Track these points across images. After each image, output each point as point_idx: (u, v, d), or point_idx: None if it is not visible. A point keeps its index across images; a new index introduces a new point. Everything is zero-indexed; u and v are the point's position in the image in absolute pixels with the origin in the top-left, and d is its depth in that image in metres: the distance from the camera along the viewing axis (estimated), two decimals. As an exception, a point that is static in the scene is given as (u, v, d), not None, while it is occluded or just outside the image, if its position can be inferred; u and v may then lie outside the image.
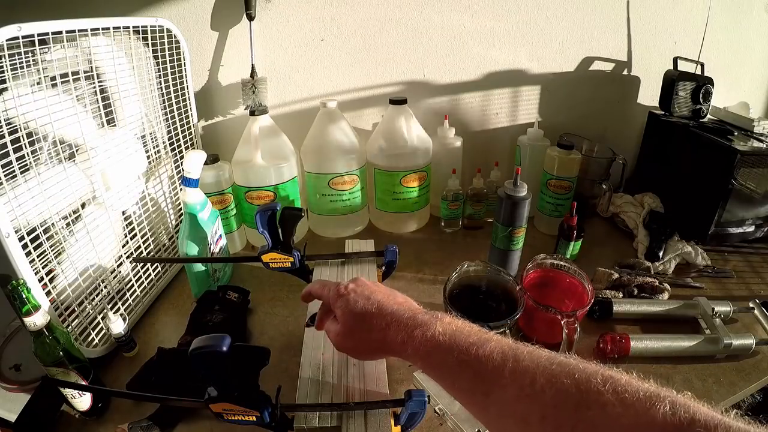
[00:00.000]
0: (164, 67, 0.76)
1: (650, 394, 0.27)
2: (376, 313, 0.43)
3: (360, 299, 0.45)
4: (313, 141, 0.87)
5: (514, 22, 0.92)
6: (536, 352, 0.34)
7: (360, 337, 0.44)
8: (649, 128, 1.03)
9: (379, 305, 0.44)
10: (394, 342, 0.41)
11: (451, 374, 0.37)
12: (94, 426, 0.55)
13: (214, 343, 0.39)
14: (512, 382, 0.32)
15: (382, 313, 0.43)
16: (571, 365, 0.31)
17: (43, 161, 0.57)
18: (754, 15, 1.02)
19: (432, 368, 0.39)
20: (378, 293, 0.46)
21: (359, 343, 0.45)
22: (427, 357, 0.38)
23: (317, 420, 0.45)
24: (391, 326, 0.41)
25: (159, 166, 0.78)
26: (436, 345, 0.38)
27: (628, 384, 0.28)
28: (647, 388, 0.28)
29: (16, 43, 0.50)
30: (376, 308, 0.44)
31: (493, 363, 0.34)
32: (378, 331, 0.42)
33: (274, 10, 0.86)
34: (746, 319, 0.70)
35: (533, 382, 0.31)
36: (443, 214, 0.96)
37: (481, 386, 0.34)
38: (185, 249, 0.70)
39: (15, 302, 0.47)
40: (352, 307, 0.45)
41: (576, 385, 0.29)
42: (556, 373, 0.31)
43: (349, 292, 0.47)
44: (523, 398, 0.31)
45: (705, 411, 0.25)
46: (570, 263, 0.67)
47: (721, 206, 0.83)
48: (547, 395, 0.30)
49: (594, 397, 0.28)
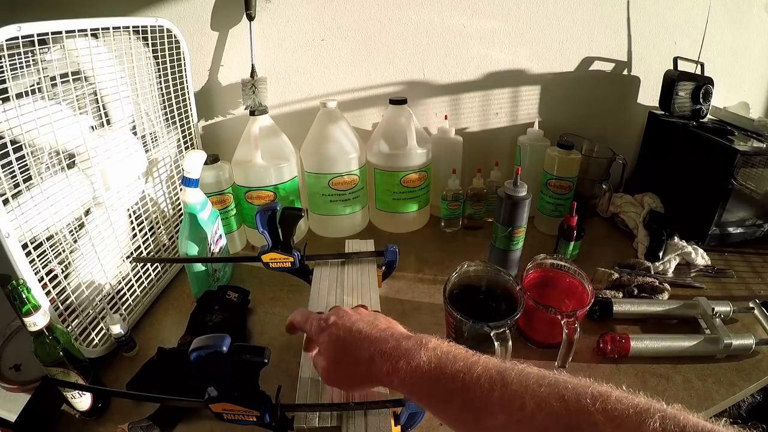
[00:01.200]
0: (164, 67, 0.76)
1: (640, 409, 0.27)
2: (358, 345, 0.42)
3: (341, 331, 0.44)
4: (313, 141, 0.87)
5: (514, 22, 0.92)
6: (525, 373, 0.33)
7: (346, 371, 0.43)
8: (649, 128, 1.03)
9: (362, 336, 0.43)
10: (379, 374, 0.40)
11: (438, 403, 0.36)
12: (94, 426, 0.55)
13: (214, 343, 0.39)
14: (501, 409, 0.32)
15: (365, 344, 0.42)
16: (560, 385, 0.31)
17: (44, 171, 0.57)
18: (754, 15, 1.02)
19: (419, 398, 0.38)
20: (359, 322, 0.44)
21: (346, 377, 0.44)
22: (414, 387, 0.37)
23: (317, 420, 0.45)
24: (375, 358, 0.40)
25: (159, 166, 0.78)
26: (421, 375, 0.37)
27: (618, 401, 0.28)
28: (637, 403, 0.28)
29: (16, 43, 0.50)
30: (358, 339, 0.42)
31: (481, 389, 0.33)
32: (363, 363, 0.41)
33: (274, 10, 0.86)
34: (746, 319, 0.70)
35: (522, 407, 0.31)
36: (443, 214, 0.96)
37: (470, 414, 0.34)
38: (185, 249, 0.70)
39: (15, 302, 0.47)
40: (334, 341, 0.44)
41: (566, 407, 0.29)
42: (545, 396, 0.30)
43: (330, 325, 0.45)
44: (513, 424, 0.31)
45: (695, 422, 0.26)
46: (570, 263, 0.67)
47: (721, 206, 0.83)
48: (537, 420, 0.30)
49: (584, 417, 0.28)
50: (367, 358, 0.41)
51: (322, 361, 0.46)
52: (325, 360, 0.45)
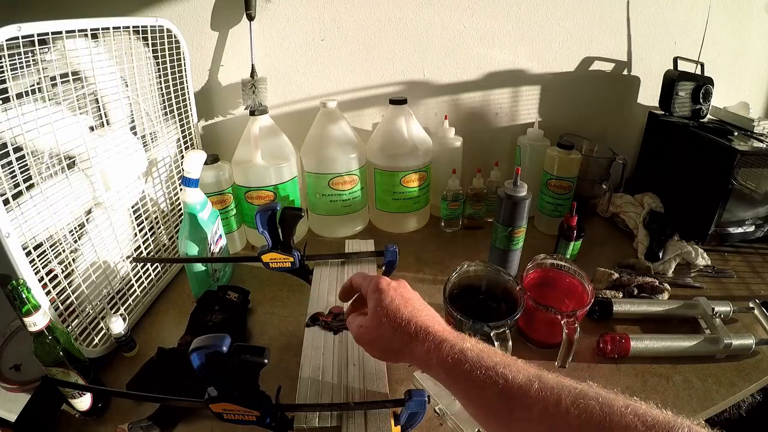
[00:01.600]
0: (164, 67, 0.76)
1: (669, 419, 0.28)
2: (407, 318, 0.43)
3: (397, 298, 0.45)
4: (313, 141, 0.87)
5: (514, 22, 0.92)
6: (561, 377, 0.35)
7: (384, 335, 0.44)
8: (649, 128, 1.03)
9: (413, 311, 0.44)
10: (418, 350, 0.41)
11: (475, 388, 0.37)
12: (94, 426, 0.55)
13: (214, 343, 0.39)
14: (537, 402, 0.33)
15: (413, 319, 0.43)
16: (593, 390, 0.32)
17: (44, 171, 0.57)
18: (754, 15, 1.02)
19: (456, 381, 0.39)
20: (415, 300, 0.46)
21: (381, 341, 0.44)
22: (453, 369, 0.38)
23: (317, 420, 0.45)
24: (419, 334, 0.41)
25: (159, 166, 0.78)
26: (463, 359, 0.38)
27: (648, 410, 0.30)
28: (666, 414, 0.29)
29: (16, 43, 0.50)
30: (409, 313, 0.43)
31: (518, 382, 0.35)
32: (405, 334, 0.42)
33: (274, 10, 0.86)
34: (746, 319, 0.70)
35: (558, 403, 0.32)
36: (443, 214, 0.96)
37: (505, 403, 0.35)
38: (185, 249, 0.70)
39: (15, 302, 0.47)
40: (387, 304, 0.44)
41: (600, 407, 0.30)
42: (580, 395, 0.32)
43: (390, 288, 0.46)
44: (548, 418, 0.32)
45: None
46: (570, 263, 0.67)
47: (721, 206, 0.83)
48: (572, 415, 0.31)
49: (617, 419, 0.29)
50: (411, 332, 0.42)
51: (364, 318, 0.46)
52: (369, 317, 0.45)
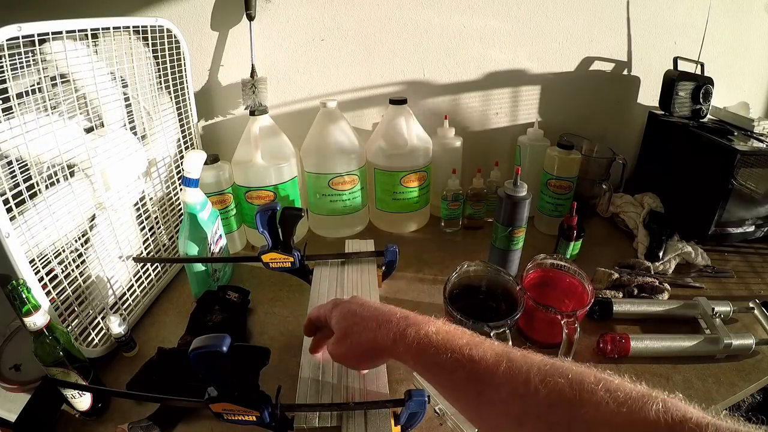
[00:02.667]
0: (164, 67, 0.76)
1: (642, 393, 0.28)
2: (368, 316, 0.44)
3: (354, 306, 0.46)
4: (313, 141, 0.87)
5: (514, 22, 0.92)
6: (529, 354, 0.34)
7: (352, 341, 0.44)
8: (649, 128, 1.03)
9: (373, 309, 0.45)
10: (385, 340, 0.41)
11: (443, 373, 0.37)
12: (94, 426, 0.55)
13: (214, 343, 0.39)
14: (506, 382, 0.32)
15: (375, 314, 0.44)
16: (564, 366, 0.31)
17: (46, 179, 0.57)
18: (754, 15, 1.02)
19: (424, 367, 0.39)
20: (373, 302, 0.47)
21: (351, 347, 0.45)
22: (419, 355, 0.38)
23: (317, 420, 0.45)
24: (382, 325, 0.42)
25: (159, 166, 0.78)
26: (428, 343, 0.38)
27: (621, 384, 0.29)
28: (639, 388, 0.28)
29: (16, 43, 0.50)
30: (368, 312, 0.45)
31: (486, 363, 0.34)
32: (369, 331, 0.43)
33: (274, 10, 0.86)
34: (746, 319, 0.70)
35: (527, 382, 0.31)
36: (443, 214, 0.96)
37: (474, 386, 0.34)
38: (185, 249, 0.70)
39: (15, 302, 0.47)
40: (345, 313, 0.46)
41: (569, 385, 0.29)
42: (549, 372, 0.31)
43: (344, 302, 0.48)
44: (517, 398, 0.31)
45: (696, 411, 0.26)
46: (570, 263, 0.67)
47: (721, 206, 0.83)
48: (541, 394, 0.30)
49: (587, 396, 0.28)
50: (374, 326, 0.42)
51: (331, 338, 0.48)
52: (335, 333, 0.46)
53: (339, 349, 0.46)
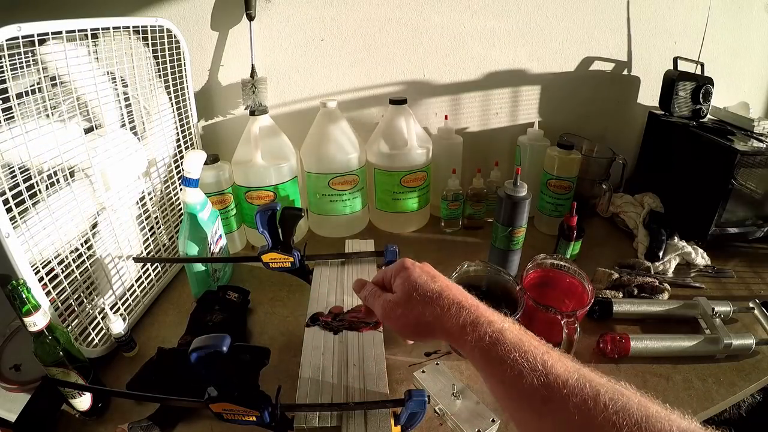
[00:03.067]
0: (164, 67, 0.76)
1: None
2: (438, 292, 0.41)
3: (424, 275, 0.44)
4: (313, 141, 0.87)
5: (514, 22, 0.92)
6: (598, 373, 0.34)
7: (414, 310, 0.42)
8: (649, 128, 1.03)
9: (443, 286, 0.42)
10: (451, 324, 0.39)
11: (511, 372, 0.35)
12: (94, 426, 0.55)
13: (214, 343, 0.39)
14: (576, 394, 0.32)
15: (445, 293, 0.41)
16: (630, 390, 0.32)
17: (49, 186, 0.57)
18: (754, 15, 1.02)
19: (490, 363, 0.36)
20: (442, 277, 0.45)
21: (411, 314, 0.42)
22: (490, 350, 0.36)
23: (317, 420, 0.45)
24: (452, 308, 0.40)
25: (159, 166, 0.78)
26: (502, 339, 0.36)
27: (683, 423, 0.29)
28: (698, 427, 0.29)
29: (16, 43, 0.50)
30: (439, 286, 0.42)
31: (557, 372, 0.33)
32: (437, 307, 0.40)
33: (274, 10, 0.86)
34: (746, 319, 0.70)
35: (596, 397, 0.31)
36: (443, 214, 0.96)
37: (542, 391, 0.33)
38: (185, 249, 0.70)
39: (15, 302, 0.47)
40: (415, 277, 0.43)
41: (637, 407, 0.29)
42: (619, 392, 0.31)
43: (415, 266, 0.45)
44: (586, 411, 0.31)
45: None
46: (570, 263, 0.67)
47: (721, 206, 0.83)
48: (609, 411, 0.30)
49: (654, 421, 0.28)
50: (444, 305, 0.40)
51: (390, 295, 0.44)
52: (398, 293, 0.44)
53: (396, 310, 0.43)
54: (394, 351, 0.62)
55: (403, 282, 0.44)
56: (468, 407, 0.53)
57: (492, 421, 0.51)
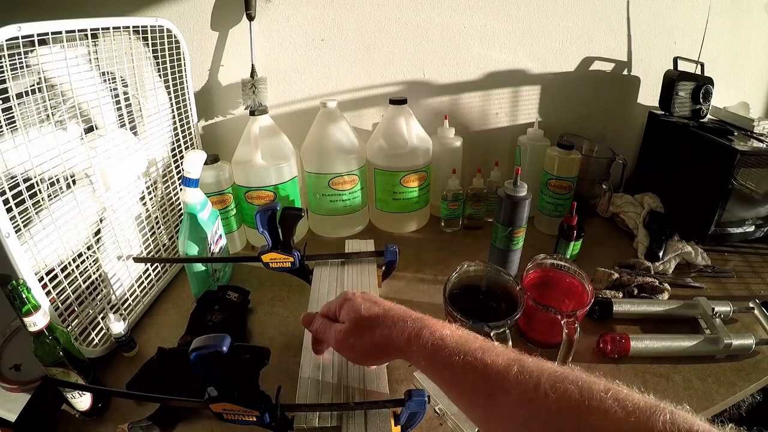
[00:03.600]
0: (164, 67, 0.76)
1: (651, 404, 0.28)
2: (382, 314, 0.44)
3: (367, 302, 0.46)
4: (313, 141, 0.87)
5: (514, 22, 0.92)
6: (541, 361, 0.35)
7: (364, 336, 0.44)
8: (649, 128, 1.03)
9: (386, 308, 0.45)
10: (399, 339, 0.41)
11: (455, 375, 0.37)
12: (94, 426, 0.55)
13: (214, 343, 0.39)
14: (516, 386, 0.33)
15: (389, 314, 0.44)
16: (574, 374, 0.32)
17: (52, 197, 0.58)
18: (754, 15, 1.02)
19: (435, 368, 0.39)
20: (385, 302, 0.47)
21: (362, 342, 0.45)
22: (433, 355, 0.39)
23: (317, 420, 0.45)
24: (397, 324, 0.42)
25: (159, 166, 0.78)
26: (443, 345, 0.38)
27: (629, 394, 0.29)
28: (647, 399, 0.28)
29: (16, 43, 0.50)
30: (383, 310, 0.45)
31: (497, 367, 0.34)
32: (384, 328, 0.43)
33: (274, 10, 0.86)
34: (746, 319, 0.70)
35: (537, 387, 0.31)
36: (443, 214, 0.96)
37: (484, 388, 0.35)
38: (185, 249, 0.70)
39: (15, 302, 0.47)
40: (358, 308, 0.46)
41: (579, 392, 0.30)
42: (559, 379, 0.31)
43: (356, 295, 0.48)
44: (526, 402, 0.32)
45: (703, 424, 0.26)
46: (570, 263, 0.67)
47: (721, 206, 0.83)
48: (550, 399, 0.30)
49: (596, 404, 0.29)
50: (389, 324, 0.43)
51: (339, 325, 0.47)
52: (346, 324, 0.46)
53: (347, 340, 0.46)
54: (394, 351, 0.62)
55: (348, 312, 0.46)
56: (468, 407, 0.53)
57: (492, 421, 0.51)
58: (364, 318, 0.45)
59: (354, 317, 0.45)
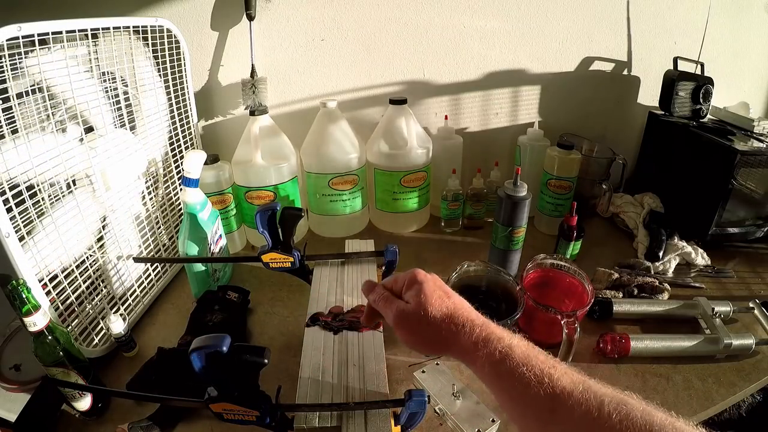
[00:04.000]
0: (164, 67, 0.75)
1: None
2: (453, 310, 0.43)
3: (439, 291, 0.45)
4: (313, 141, 0.87)
5: (514, 22, 0.92)
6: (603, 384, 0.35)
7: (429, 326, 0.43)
8: (649, 128, 1.03)
9: (456, 303, 0.44)
10: (466, 342, 0.41)
11: (519, 386, 0.36)
12: (94, 426, 0.55)
13: (214, 343, 0.39)
14: (581, 404, 0.33)
15: (459, 312, 0.43)
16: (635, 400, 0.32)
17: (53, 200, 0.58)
18: (754, 15, 1.02)
19: (499, 376, 0.38)
20: (454, 295, 0.46)
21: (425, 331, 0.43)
22: (499, 364, 0.38)
23: (317, 420, 0.45)
24: (465, 324, 0.41)
25: (159, 166, 0.78)
26: (511, 354, 0.38)
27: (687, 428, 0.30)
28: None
29: (16, 43, 0.50)
30: (453, 304, 0.44)
31: (562, 383, 0.35)
32: (452, 324, 0.42)
33: (274, 10, 0.86)
34: (746, 319, 0.70)
35: (600, 407, 0.32)
36: (443, 214, 0.96)
37: (548, 403, 0.34)
38: (185, 249, 0.70)
39: (15, 302, 0.47)
40: (430, 294, 0.44)
41: (641, 415, 0.30)
42: (623, 401, 0.32)
43: (428, 278, 0.46)
44: (590, 421, 0.32)
45: None
46: (570, 263, 0.67)
47: (721, 206, 0.83)
48: (613, 420, 0.31)
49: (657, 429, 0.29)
50: (458, 321, 0.42)
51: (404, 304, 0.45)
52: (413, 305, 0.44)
53: (409, 320, 0.43)
54: (394, 351, 0.62)
55: (417, 294, 0.44)
56: (468, 407, 0.53)
57: (492, 421, 0.51)
58: (434, 308, 0.43)
59: (422, 302, 0.43)
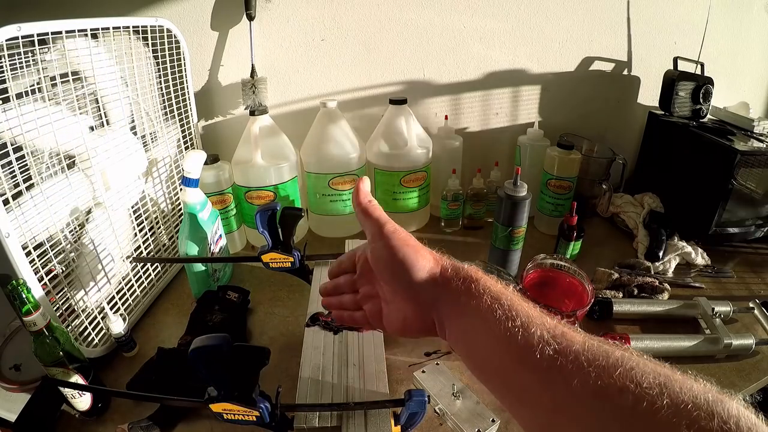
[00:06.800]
0: (164, 67, 0.76)
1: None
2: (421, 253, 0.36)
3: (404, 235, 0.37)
4: (313, 141, 0.87)
5: (514, 22, 0.92)
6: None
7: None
8: (649, 128, 1.03)
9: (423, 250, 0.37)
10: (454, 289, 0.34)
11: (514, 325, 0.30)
12: (94, 426, 0.55)
13: (214, 343, 0.39)
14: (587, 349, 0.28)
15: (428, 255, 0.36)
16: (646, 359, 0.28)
17: (44, 171, 0.57)
18: (754, 15, 1.02)
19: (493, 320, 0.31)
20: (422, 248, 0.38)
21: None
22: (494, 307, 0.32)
23: (317, 420, 0.45)
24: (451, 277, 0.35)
25: (159, 166, 0.78)
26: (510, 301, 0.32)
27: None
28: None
29: (16, 43, 0.50)
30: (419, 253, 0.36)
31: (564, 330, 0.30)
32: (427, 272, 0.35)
33: (274, 10, 0.86)
34: (746, 319, 0.70)
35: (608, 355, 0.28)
36: (443, 214, 0.96)
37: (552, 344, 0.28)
38: (185, 249, 0.70)
39: (15, 302, 0.47)
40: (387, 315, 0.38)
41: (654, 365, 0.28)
42: (630, 356, 0.28)
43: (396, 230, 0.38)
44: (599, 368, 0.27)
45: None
46: (570, 263, 0.67)
47: (721, 206, 0.83)
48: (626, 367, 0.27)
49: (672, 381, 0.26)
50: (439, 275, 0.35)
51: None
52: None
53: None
54: (394, 351, 0.62)
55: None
56: (468, 407, 0.53)
57: (492, 421, 0.51)
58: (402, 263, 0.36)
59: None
